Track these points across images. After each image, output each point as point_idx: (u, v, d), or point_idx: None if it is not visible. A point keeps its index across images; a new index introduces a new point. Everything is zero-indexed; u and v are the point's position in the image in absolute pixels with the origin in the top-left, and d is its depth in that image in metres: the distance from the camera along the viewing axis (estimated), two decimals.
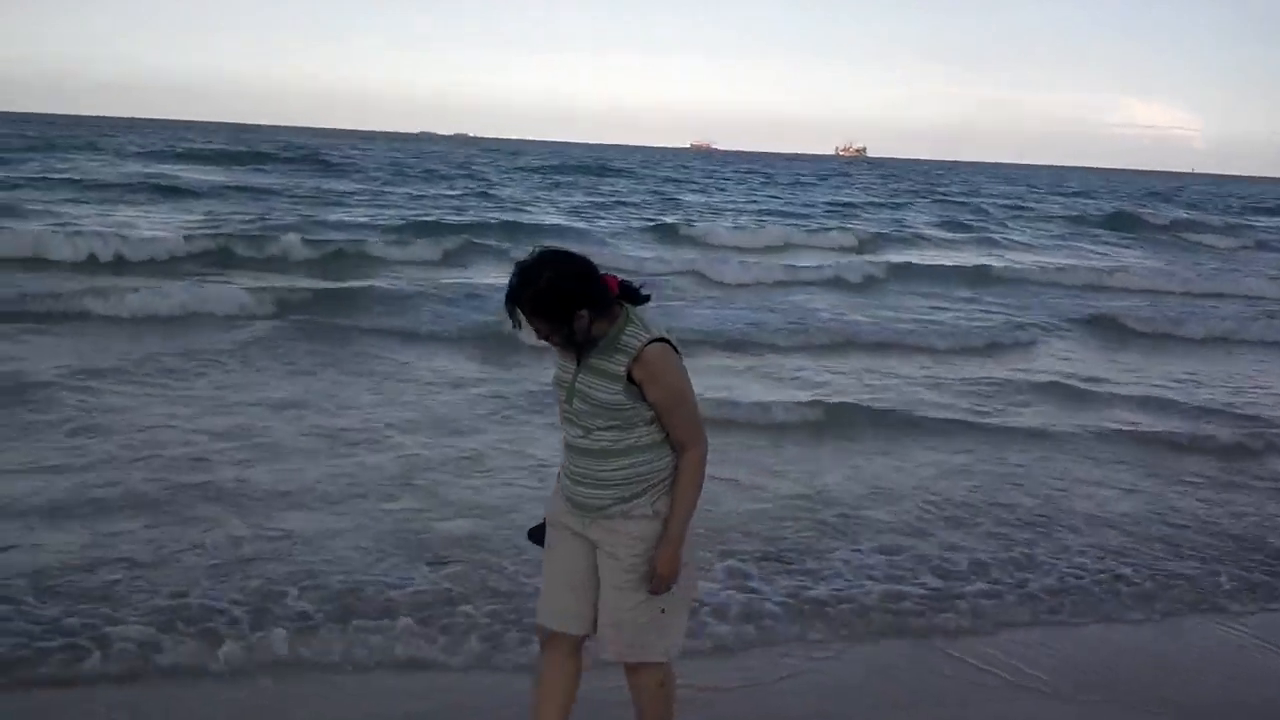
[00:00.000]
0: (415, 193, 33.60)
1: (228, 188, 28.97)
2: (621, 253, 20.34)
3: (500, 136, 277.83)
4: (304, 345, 10.25)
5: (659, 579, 3.09)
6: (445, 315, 12.32)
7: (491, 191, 36.39)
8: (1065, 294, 18.28)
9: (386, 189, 34.57)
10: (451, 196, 32.97)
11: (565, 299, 2.91)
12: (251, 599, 4.80)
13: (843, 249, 24.46)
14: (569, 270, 2.96)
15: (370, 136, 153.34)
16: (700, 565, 3.85)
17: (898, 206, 42.46)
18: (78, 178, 28.66)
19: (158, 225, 19.33)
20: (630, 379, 2.97)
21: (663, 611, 3.16)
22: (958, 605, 5.23)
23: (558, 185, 43.64)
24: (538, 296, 2.92)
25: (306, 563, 5.25)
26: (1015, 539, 6.21)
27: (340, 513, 6.01)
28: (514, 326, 3.03)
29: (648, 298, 3.10)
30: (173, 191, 26.72)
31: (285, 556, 5.33)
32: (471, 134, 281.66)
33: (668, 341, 3.02)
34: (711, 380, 9.53)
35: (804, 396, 9.38)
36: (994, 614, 5.18)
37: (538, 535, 3.37)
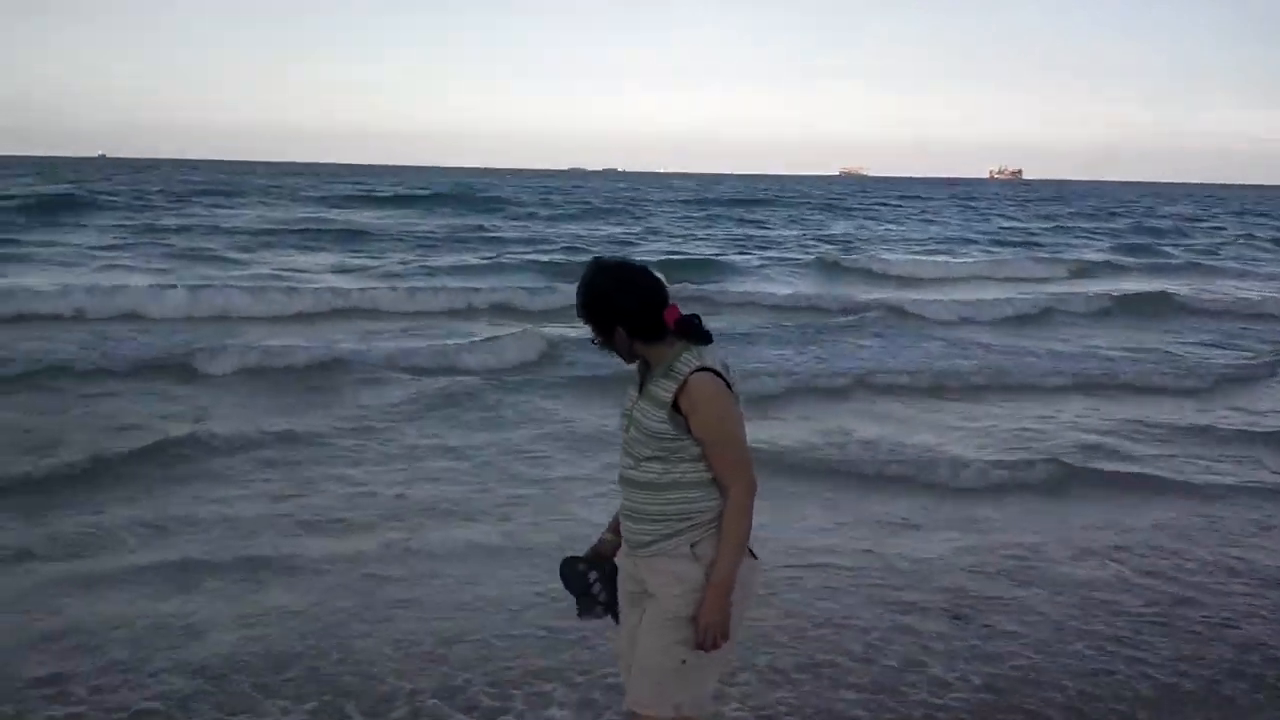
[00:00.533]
0: (585, 230, 33.76)
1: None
2: (808, 290, 19.88)
3: (649, 170, 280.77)
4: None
5: (702, 629, 2.91)
6: None
7: (664, 227, 36.43)
8: None
9: (561, 226, 34.96)
10: (618, 232, 33.08)
11: (605, 309, 2.95)
12: None
13: (1037, 279, 23.46)
14: (617, 284, 2.96)
15: (522, 173, 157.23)
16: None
17: (1074, 230, 40.62)
18: (323, 225, 29.87)
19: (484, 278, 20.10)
20: (676, 407, 2.89)
21: (684, 662, 2.95)
22: None
23: (716, 219, 43.48)
24: (586, 299, 2.98)
25: None
26: None
27: None
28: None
29: (709, 337, 2.98)
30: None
31: None
32: (621, 168, 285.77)
33: (718, 374, 2.91)
34: (920, 433, 8.96)
35: (1025, 450, 8.59)
36: None
37: (569, 570, 3.19)
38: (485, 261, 23.27)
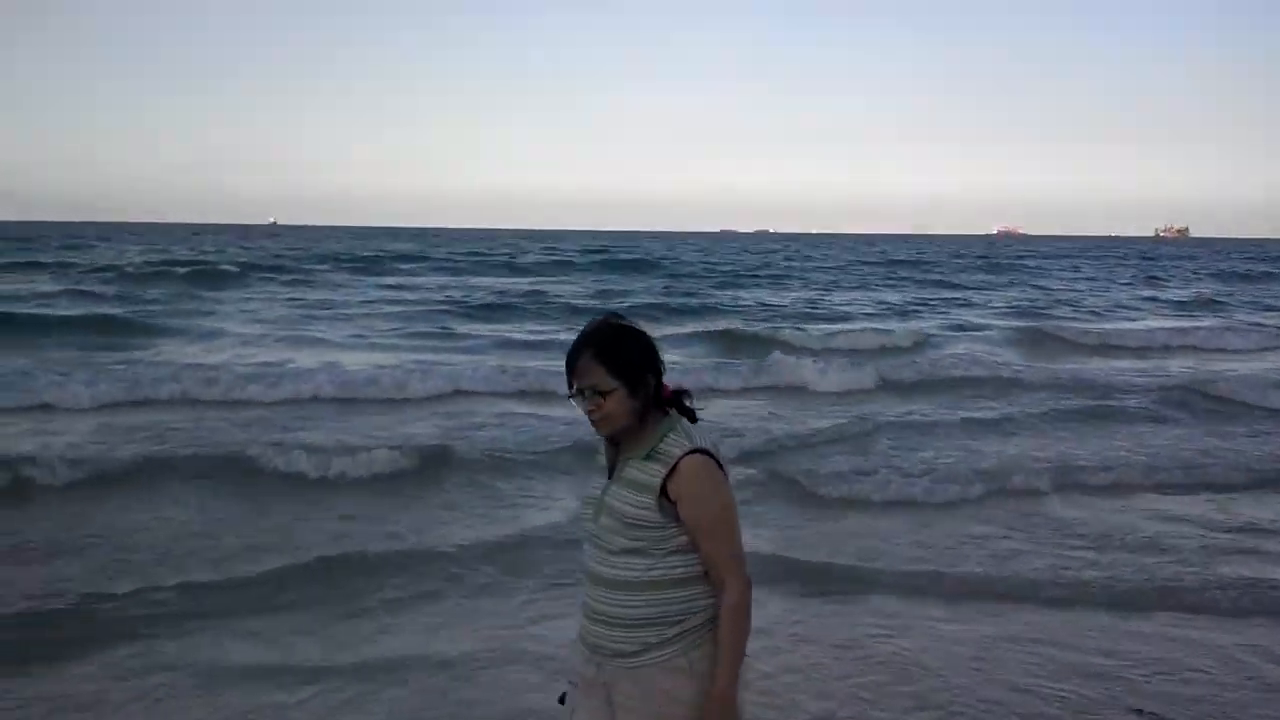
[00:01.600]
0: (759, 298, 32.49)
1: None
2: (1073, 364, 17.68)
3: (802, 231, 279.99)
4: None
5: None
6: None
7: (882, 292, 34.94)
8: None
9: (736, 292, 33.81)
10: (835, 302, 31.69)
11: (624, 357, 2.61)
12: None
13: None
14: (637, 338, 2.67)
15: (677, 236, 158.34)
16: None
17: None
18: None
19: None
20: (665, 493, 2.57)
21: None
22: None
23: (899, 281, 41.88)
24: (605, 340, 2.62)
25: None
26: None
27: None
28: (569, 391, 2.67)
29: (694, 415, 2.72)
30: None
31: None
32: (772, 229, 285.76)
33: (711, 456, 2.61)
34: None
35: None
36: None
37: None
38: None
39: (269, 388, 12.65)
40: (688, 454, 2.57)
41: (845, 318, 26.24)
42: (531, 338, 20.48)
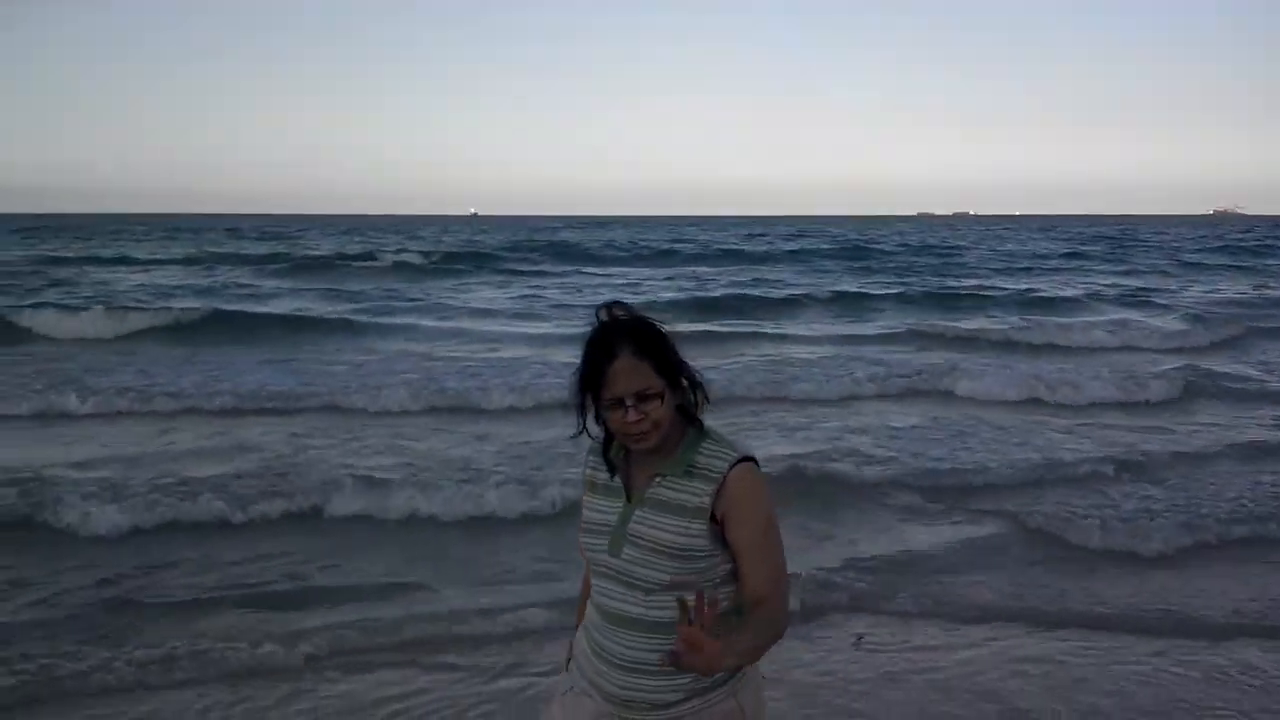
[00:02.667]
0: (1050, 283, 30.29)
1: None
2: None
3: (1000, 213, 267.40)
4: None
5: (686, 651, 2.02)
6: None
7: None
8: None
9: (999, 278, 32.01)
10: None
11: (670, 347, 2.23)
12: None
13: None
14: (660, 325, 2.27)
15: (874, 220, 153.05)
16: None
17: None
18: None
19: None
20: (713, 514, 2.19)
21: None
22: None
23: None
24: (646, 331, 2.21)
25: None
26: None
27: None
28: (604, 402, 2.21)
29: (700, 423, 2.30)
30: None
31: None
32: (972, 212, 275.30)
33: (756, 462, 2.26)
34: None
35: None
36: None
37: None
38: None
39: None
40: (736, 464, 2.23)
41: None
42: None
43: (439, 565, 6.27)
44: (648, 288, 28.17)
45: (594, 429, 2.31)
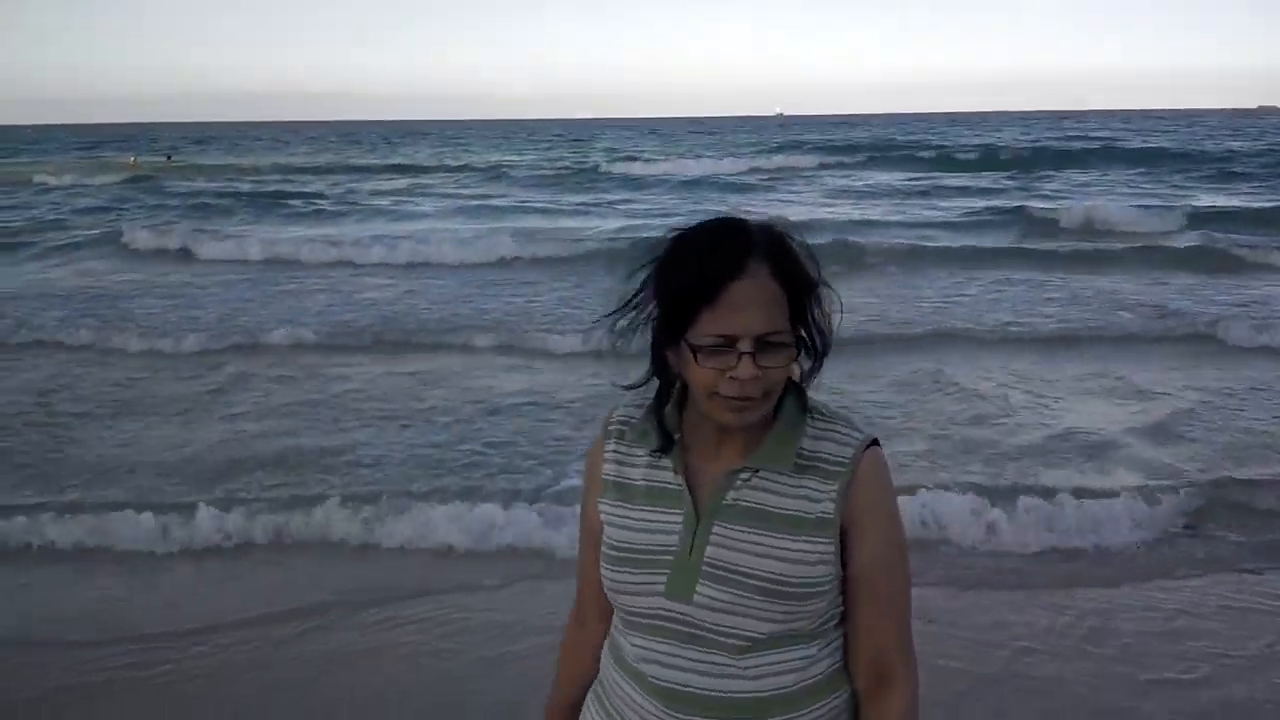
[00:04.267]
0: None
1: None
2: None
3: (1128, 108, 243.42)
4: None
5: None
6: None
7: None
8: None
9: None
10: None
11: (821, 291, 1.45)
12: None
13: None
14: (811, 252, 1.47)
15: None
16: None
17: None
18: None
19: None
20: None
21: None
22: None
23: None
24: (804, 258, 1.43)
25: None
26: None
27: None
28: (713, 342, 1.37)
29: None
30: None
31: None
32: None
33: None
34: None
35: None
36: None
37: None
38: None
39: None
40: (867, 448, 1.48)
41: None
42: None
43: None
44: None
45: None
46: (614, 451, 1.57)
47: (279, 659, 4.10)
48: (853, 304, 2.05)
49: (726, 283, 1.36)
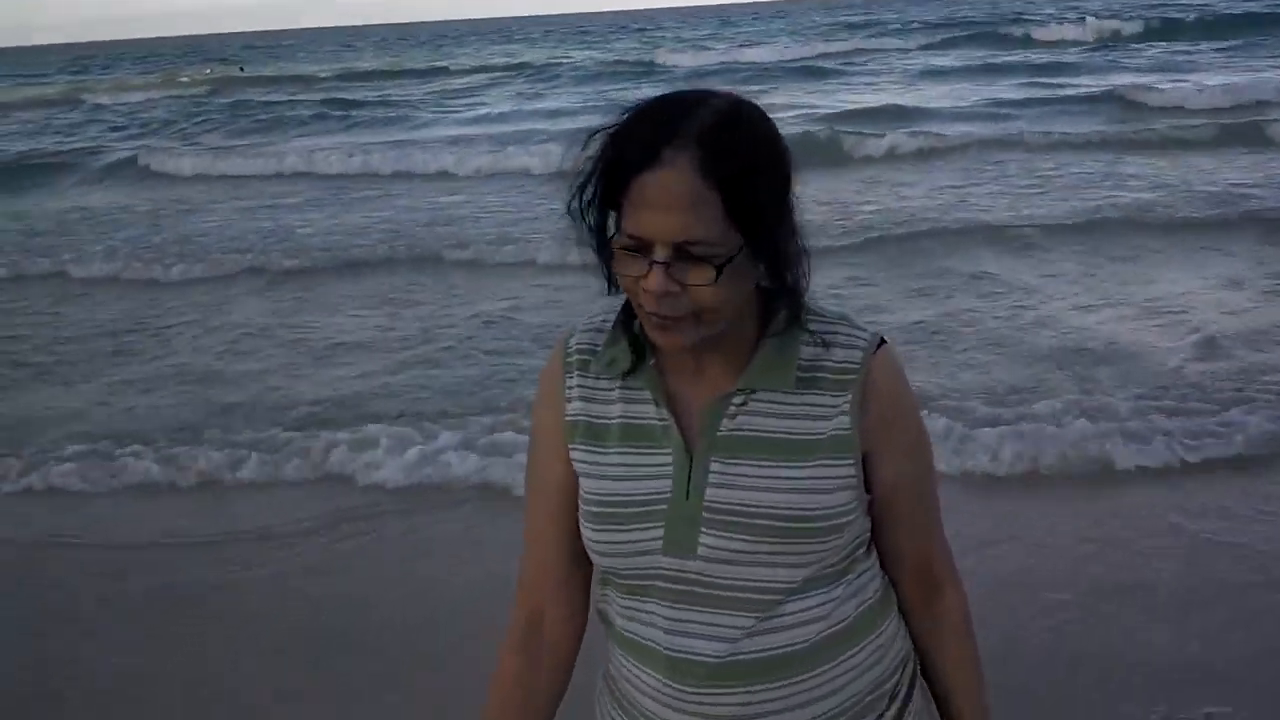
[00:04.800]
0: None
1: None
2: None
3: None
4: None
5: None
6: None
7: None
8: None
9: None
10: None
11: (775, 169, 1.15)
12: None
13: None
14: (773, 127, 1.17)
15: None
16: None
17: None
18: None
19: None
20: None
21: None
22: None
23: None
24: (750, 146, 1.13)
25: None
26: None
27: None
28: (622, 245, 1.14)
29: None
30: None
31: None
32: None
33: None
34: None
35: None
36: None
37: None
38: None
39: None
40: (878, 348, 1.26)
41: None
42: None
43: None
44: None
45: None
46: (578, 387, 1.30)
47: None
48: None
49: (633, 175, 1.11)
